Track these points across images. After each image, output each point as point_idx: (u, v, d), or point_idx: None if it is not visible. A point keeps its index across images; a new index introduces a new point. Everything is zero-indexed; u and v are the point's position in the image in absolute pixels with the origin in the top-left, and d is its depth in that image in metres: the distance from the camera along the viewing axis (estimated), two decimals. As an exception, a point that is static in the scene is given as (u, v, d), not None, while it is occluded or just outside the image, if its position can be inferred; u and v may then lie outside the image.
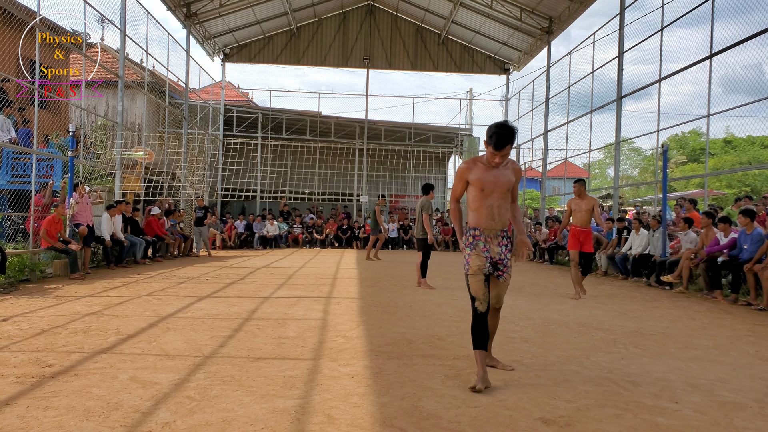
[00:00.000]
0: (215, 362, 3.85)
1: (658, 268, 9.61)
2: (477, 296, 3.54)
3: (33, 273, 8.29)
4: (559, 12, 17.34)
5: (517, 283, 9.77)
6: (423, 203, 8.71)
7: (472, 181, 3.69)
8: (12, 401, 2.97)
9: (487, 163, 3.67)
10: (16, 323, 5.07)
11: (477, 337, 3.52)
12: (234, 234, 18.53)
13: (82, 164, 11.65)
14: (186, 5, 17.54)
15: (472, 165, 3.73)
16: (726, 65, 10.64)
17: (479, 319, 3.52)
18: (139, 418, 2.77)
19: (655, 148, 13.30)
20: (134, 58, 19.32)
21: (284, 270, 10.96)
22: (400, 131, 23.57)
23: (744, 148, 27.50)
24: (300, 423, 2.78)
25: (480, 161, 3.72)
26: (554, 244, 14.70)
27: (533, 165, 20.25)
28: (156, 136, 17.18)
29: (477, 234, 3.65)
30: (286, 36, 22.77)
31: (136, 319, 5.34)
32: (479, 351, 3.48)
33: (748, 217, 7.87)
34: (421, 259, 8.54)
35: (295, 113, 22.77)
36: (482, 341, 3.51)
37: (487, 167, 3.67)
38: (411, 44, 23.06)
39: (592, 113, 15.84)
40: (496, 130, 3.54)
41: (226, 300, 6.80)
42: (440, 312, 6.25)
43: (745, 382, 3.73)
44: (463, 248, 3.70)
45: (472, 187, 3.70)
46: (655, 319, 6.13)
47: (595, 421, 2.91)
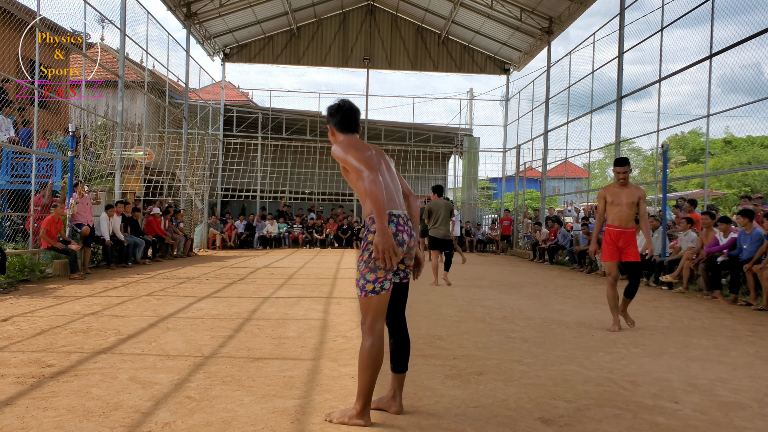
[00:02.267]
0: (215, 362, 3.85)
1: (658, 268, 9.61)
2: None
3: (33, 273, 8.29)
4: (559, 12, 17.34)
5: (517, 283, 9.78)
6: (449, 206, 9.16)
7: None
8: (12, 401, 2.97)
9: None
10: (15, 323, 5.07)
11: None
12: (234, 234, 18.53)
13: (82, 164, 11.65)
14: (186, 5, 17.54)
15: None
16: (725, 65, 10.65)
17: None
18: (139, 418, 2.77)
19: (655, 148, 13.30)
20: (134, 58, 19.30)
21: (284, 270, 10.96)
22: (400, 131, 23.57)
23: (744, 148, 27.49)
24: (300, 423, 2.77)
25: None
26: (554, 244, 14.71)
27: (533, 165, 20.25)
28: (156, 136, 17.19)
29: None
30: (286, 36, 22.77)
31: (136, 319, 5.34)
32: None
33: (746, 217, 7.88)
34: (437, 260, 9.02)
35: (295, 113, 22.78)
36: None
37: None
38: (411, 44, 23.06)
39: (592, 113, 15.84)
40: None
41: (226, 300, 6.80)
42: (440, 312, 6.25)
43: (744, 381, 3.73)
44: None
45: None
46: (654, 319, 6.13)
47: (595, 421, 2.91)
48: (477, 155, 23.52)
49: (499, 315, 6.15)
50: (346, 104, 3.00)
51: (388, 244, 2.61)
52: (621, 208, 5.42)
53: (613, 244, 5.45)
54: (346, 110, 2.97)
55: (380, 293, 2.72)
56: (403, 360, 2.95)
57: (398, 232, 2.75)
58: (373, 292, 2.71)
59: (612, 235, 5.46)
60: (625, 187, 5.47)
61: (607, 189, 5.58)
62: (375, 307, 2.73)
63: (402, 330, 2.97)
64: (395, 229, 2.75)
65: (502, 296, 7.80)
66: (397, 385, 2.96)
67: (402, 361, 2.94)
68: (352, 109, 3.00)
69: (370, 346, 2.71)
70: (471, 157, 23.38)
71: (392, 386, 2.97)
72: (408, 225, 2.85)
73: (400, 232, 2.76)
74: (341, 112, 2.97)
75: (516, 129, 22.52)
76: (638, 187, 5.59)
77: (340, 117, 2.97)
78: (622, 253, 5.42)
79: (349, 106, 3.00)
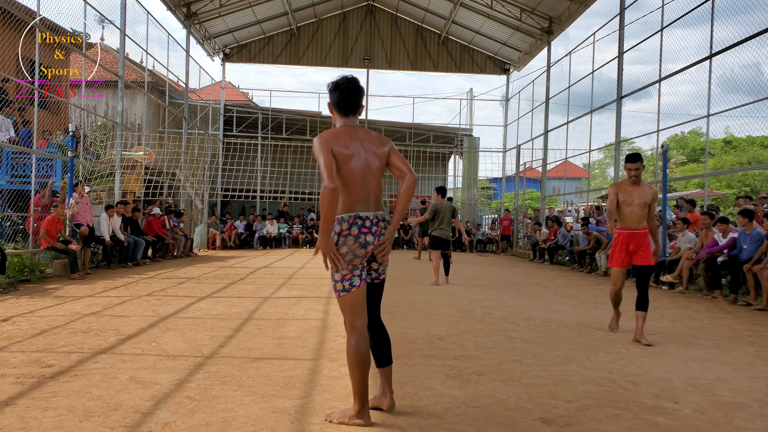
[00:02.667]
0: (215, 362, 3.85)
1: (659, 268, 9.61)
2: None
3: (33, 273, 8.29)
4: (559, 12, 17.34)
5: (517, 283, 9.78)
6: (452, 207, 9.26)
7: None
8: (12, 401, 2.97)
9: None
10: (15, 323, 5.07)
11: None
12: (234, 234, 18.54)
13: (82, 164, 11.65)
14: (186, 5, 17.54)
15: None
16: (724, 65, 10.66)
17: None
18: (139, 418, 2.77)
19: (655, 148, 13.29)
20: (134, 58, 19.31)
21: (284, 270, 10.96)
22: (400, 131, 23.57)
23: (744, 148, 27.49)
24: (300, 423, 2.77)
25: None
26: (554, 244, 14.71)
27: (533, 165, 20.25)
28: (156, 136, 17.18)
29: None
30: (286, 36, 22.77)
31: (136, 320, 5.34)
32: None
33: (746, 217, 7.89)
34: (438, 260, 9.03)
35: (295, 113, 22.77)
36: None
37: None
38: (411, 44, 23.06)
39: (592, 113, 15.84)
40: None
41: (226, 300, 6.80)
42: (440, 312, 6.25)
43: (744, 381, 3.73)
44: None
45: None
46: (654, 319, 6.12)
47: (595, 421, 2.91)
48: (477, 155, 23.52)
49: (499, 315, 6.15)
50: (344, 84, 2.88)
51: (326, 250, 2.73)
52: (633, 209, 5.02)
53: (623, 249, 5.07)
54: (344, 91, 2.87)
55: (351, 290, 2.78)
56: (385, 354, 2.98)
57: (361, 234, 2.76)
58: (344, 291, 2.79)
59: (623, 238, 5.07)
60: (637, 185, 5.04)
61: (619, 186, 5.12)
62: (350, 305, 2.79)
63: (379, 327, 3.01)
64: (358, 231, 2.75)
65: (502, 296, 7.79)
66: (384, 379, 2.97)
67: (383, 355, 2.97)
68: (351, 88, 2.88)
69: (354, 344, 2.75)
70: (471, 157, 23.38)
71: (381, 382, 2.99)
72: (378, 226, 2.82)
73: (363, 234, 2.76)
74: (338, 92, 2.89)
75: (516, 129, 22.52)
76: (650, 185, 5.18)
77: (336, 98, 2.90)
78: (633, 256, 5.05)
79: (347, 86, 2.88)
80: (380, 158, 2.89)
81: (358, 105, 2.92)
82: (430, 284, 8.89)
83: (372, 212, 2.82)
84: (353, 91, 2.88)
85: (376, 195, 2.86)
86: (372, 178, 2.84)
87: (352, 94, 2.88)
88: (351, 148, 2.78)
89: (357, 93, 2.89)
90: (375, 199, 2.85)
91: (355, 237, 2.75)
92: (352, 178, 2.77)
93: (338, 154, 2.73)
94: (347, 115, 2.91)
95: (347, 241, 2.74)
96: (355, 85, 2.89)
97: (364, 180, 2.80)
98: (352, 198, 2.78)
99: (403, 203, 2.87)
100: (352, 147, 2.79)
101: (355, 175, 2.78)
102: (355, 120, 2.94)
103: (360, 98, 2.92)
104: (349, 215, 2.76)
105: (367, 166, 2.83)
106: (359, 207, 2.78)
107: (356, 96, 2.89)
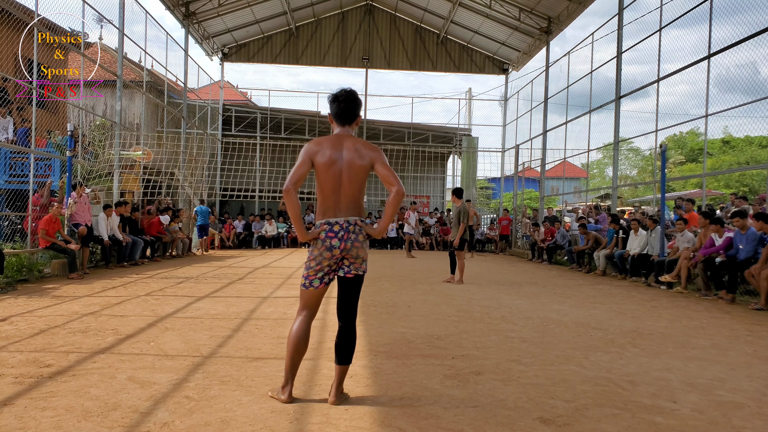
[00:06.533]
0: (214, 362, 3.85)
1: (657, 268, 9.62)
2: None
3: (31, 273, 8.28)
4: (558, 12, 17.36)
5: (516, 282, 9.78)
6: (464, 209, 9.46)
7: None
8: (10, 401, 2.96)
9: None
10: (14, 323, 5.06)
11: None
12: (233, 234, 18.52)
13: (81, 164, 11.64)
14: (184, 4, 17.53)
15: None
16: (721, 65, 10.67)
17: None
18: (138, 418, 2.77)
19: (653, 148, 13.30)
20: (133, 58, 19.25)
21: (283, 270, 10.96)
22: (398, 131, 23.57)
23: (742, 148, 27.53)
24: (299, 423, 2.78)
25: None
26: (553, 243, 14.72)
27: (532, 165, 20.26)
28: (154, 135, 17.17)
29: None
30: (284, 36, 22.77)
31: (135, 319, 5.33)
32: None
33: (740, 218, 7.92)
34: (458, 261, 9.37)
35: (293, 113, 22.75)
36: None
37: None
38: (410, 44, 23.07)
39: (590, 113, 15.85)
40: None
41: (224, 300, 6.79)
42: (439, 312, 6.25)
43: (743, 381, 3.74)
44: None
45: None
46: (653, 319, 6.13)
47: (593, 420, 2.91)
48: (476, 155, 23.52)
49: (497, 315, 6.16)
50: (343, 96, 3.10)
51: (306, 239, 3.06)
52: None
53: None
54: (342, 102, 3.09)
55: (308, 288, 3.07)
56: (345, 353, 3.08)
57: (327, 238, 2.99)
58: (304, 286, 3.08)
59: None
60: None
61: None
62: (304, 298, 3.10)
63: (348, 323, 3.11)
64: (325, 235, 2.99)
65: (500, 296, 7.80)
66: (336, 376, 3.10)
67: (343, 353, 3.08)
68: (348, 100, 3.09)
69: (293, 328, 3.07)
70: (470, 157, 23.38)
71: (334, 376, 3.13)
72: (347, 231, 2.99)
73: (330, 238, 2.99)
74: (336, 104, 3.11)
75: (515, 129, 22.53)
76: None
77: (335, 109, 3.12)
78: None
79: (345, 98, 3.09)
80: (359, 169, 3.02)
81: (355, 116, 3.14)
82: (455, 282, 9.26)
83: (342, 218, 3.01)
84: (350, 102, 3.10)
85: (349, 202, 3.04)
86: (347, 187, 3.02)
87: (350, 106, 3.10)
88: (329, 158, 2.98)
89: (354, 104, 3.12)
90: (348, 206, 3.04)
91: (322, 241, 3.00)
92: (326, 186, 3.01)
93: (317, 164, 2.99)
94: (343, 125, 3.13)
95: (316, 244, 3.02)
96: (352, 97, 3.11)
97: (335, 189, 3.01)
98: (324, 205, 3.04)
99: (389, 214, 3.06)
100: (332, 157, 2.99)
101: (328, 184, 3.00)
102: (350, 129, 3.14)
103: (357, 109, 3.14)
104: (320, 222, 3.03)
105: (341, 175, 3.00)
106: (329, 214, 3.03)
107: (353, 107, 3.11)
